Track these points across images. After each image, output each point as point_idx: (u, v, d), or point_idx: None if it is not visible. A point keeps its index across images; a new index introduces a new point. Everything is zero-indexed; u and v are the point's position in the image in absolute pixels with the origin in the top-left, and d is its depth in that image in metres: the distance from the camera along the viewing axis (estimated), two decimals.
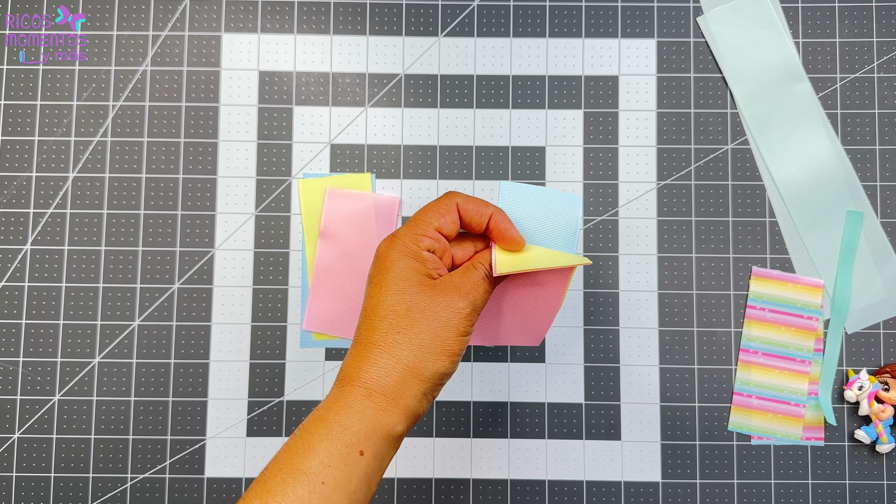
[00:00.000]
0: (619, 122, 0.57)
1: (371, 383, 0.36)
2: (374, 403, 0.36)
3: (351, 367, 0.37)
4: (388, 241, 0.39)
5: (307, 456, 0.34)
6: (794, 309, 0.55)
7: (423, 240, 0.38)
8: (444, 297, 0.37)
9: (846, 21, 0.57)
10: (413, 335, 0.37)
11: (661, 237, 0.56)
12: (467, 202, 0.40)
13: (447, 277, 0.39)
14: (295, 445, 0.35)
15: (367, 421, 0.35)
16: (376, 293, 0.38)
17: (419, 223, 0.39)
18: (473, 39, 0.58)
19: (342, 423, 0.35)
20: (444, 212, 0.39)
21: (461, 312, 0.38)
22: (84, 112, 0.57)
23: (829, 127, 0.57)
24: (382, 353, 0.37)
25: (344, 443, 0.35)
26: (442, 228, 0.39)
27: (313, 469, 0.34)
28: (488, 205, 0.40)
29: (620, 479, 0.55)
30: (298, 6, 0.58)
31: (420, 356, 0.37)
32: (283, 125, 0.57)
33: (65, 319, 0.56)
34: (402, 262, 0.38)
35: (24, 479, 0.55)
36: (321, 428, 0.35)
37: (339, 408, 0.36)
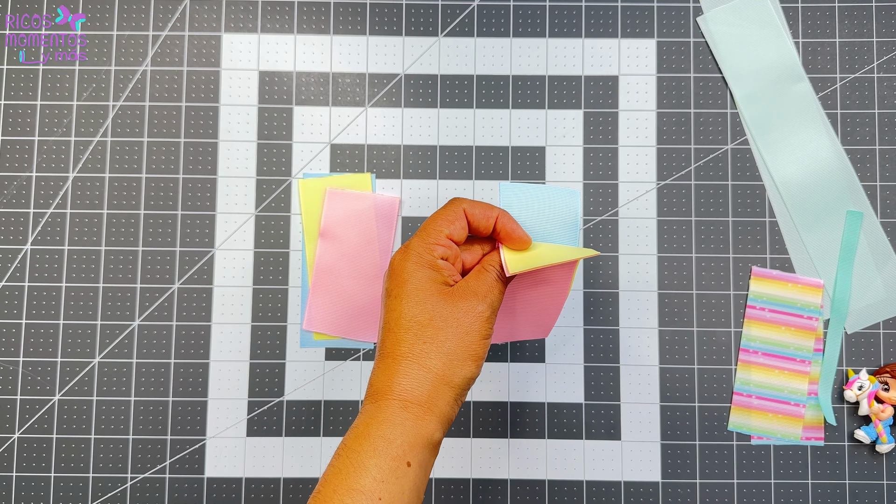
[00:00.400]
0: (619, 122, 0.57)
1: (405, 395, 0.37)
2: (412, 414, 0.36)
3: (382, 382, 0.37)
4: (402, 254, 0.39)
5: (360, 474, 0.35)
6: (794, 309, 0.55)
7: (436, 248, 0.39)
8: (464, 303, 0.38)
9: (846, 21, 0.57)
10: (440, 343, 0.37)
11: (661, 237, 0.56)
12: (473, 207, 0.41)
13: (463, 283, 0.39)
14: (344, 465, 0.35)
15: (409, 432, 0.36)
16: (397, 306, 0.38)
17: (430, 232, 0.39)
18: (473, 39, 0.58)
19: (386, 438, 0.36)
20: (453, 219, 0.40)
21: (482, 316, 0.38)
22: (84, 112, 0.57)
23: (829, 127, 0.57)
24: (412, 364, 0.37)
25: (391, 456, 0.35)
26: (452, 235, 0.40)
27: (368, 486, 0.34)
28: (493, 207, 0.41)
29: (620, 479, 0.55)
30: (298, 6, 0.58)
31: (449, 364, 0.37)
32: (283, 125, 0.57)
33: (65, 319, 0.56)
34: (418, 273, 0.38)
35: (24, 479, 0.55)
36: (366, 445, 0.35)
37: (380, 423, 0.36)
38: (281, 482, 0.55)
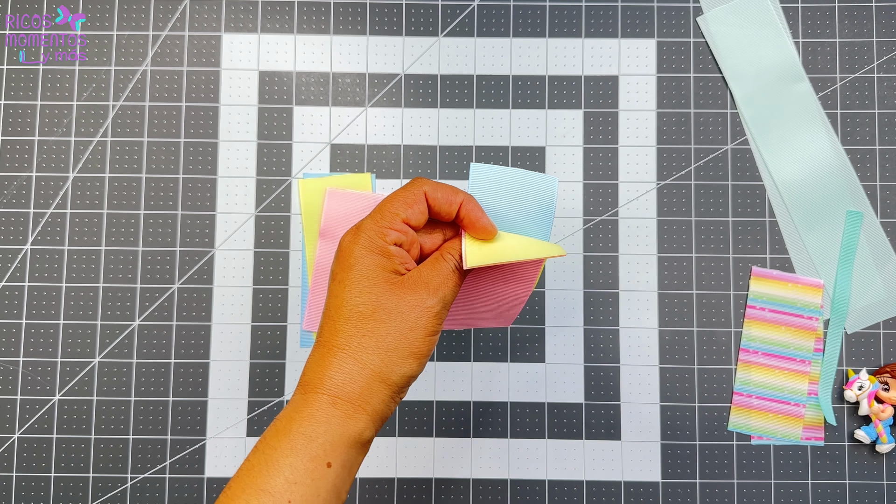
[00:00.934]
0: (619, 122, 0.57)
1: (336, 390, 0.34)
2: (340, 411, 0.34)
3: (314, 373, 0.35)
4: (352, 235, 0.36)
5: (272, 474, 0.33)
6: (794, 309, 0.55)
7: (389, 233, 0.36)
8: (412, 296, 0.35)
9: (846, 21, 0.57)
10: (379, 338, 0.35)
11: (661, 237, 0.56)
12: (436, 190, 0.37)
13: (415, 272, 0.37)
14: (258, 462, 0.33)
15: (334, 430, 0.34)
16: (340, 292, 0.36)
17: (385, 215, 0.36)
18: (473, 39, 0.58)
19: (307, 435, 0.33)
20: (412, 201, 0.37)
21: (430, 311, 0.36)
22: (84, 112, 0.57)
23: (829, 127, 0.57)
24: (347, 357, 0.35)
25: (310, 456, 0.33)
26: (409, 220, 0.37)
27: (278, 488, 0.32)
28: (458, 192, 0.38)
29: (620, 479, 0.55)
30: (298, 6, 0.58)
31: (387, 360, 0.35)
32: (283, 125, 0.57)
33: (65, 319, 0.56)
34: (366, 259, 0.35)
35: (24, 479, 0.55)
36: (285, 442, 0.33)
37: (303, 418, 0.34)
38: None
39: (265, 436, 0.35)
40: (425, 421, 0.55)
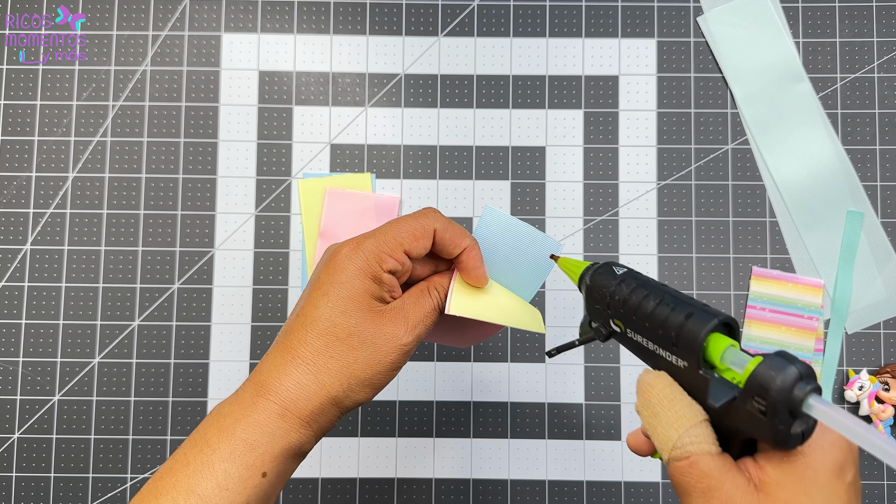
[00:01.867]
0: (619, 122, 0.57)
1: (288, 403, 0.34)
2: (288, 424, 0.33)
3: (271, 377, 0.34)
4: (351, 250, 0.35)
5: (204, 476, 0.32)
6: (795, 309, 0.55)
7: (387, 260, 0.35)
8: (389, 328, 0.35)
9: (846, 21, 0.57)
10: (345, 364, 0.34)
11: (661, 237, 0.56)
12: (446, 230, 0.37)
13: (398, 304, 0.36)
14: (194, 460, 0.33)
15: (277, 442, 0.33)
16: (321, 304, 0.35)
17: (388, 241, 0.35)
18: (473, 39, 0.58)
19: (248, 443, 0.33)
20: (419, 235, 0.36)
21: (403, 349, 0.35)
22: (84, 112, 0.57)
23: (830, 127, 0.57)
24: (308, 373, 0.34)
25: (247, 465, 0.32)
26: (411, 251, 0.36)
27: (208, 491, 0.32)
28: (466, 236, 0.37)
29: (620, 480, 0.55)
30: (298, 6, 0.58)
31: (346, 386, 0.34)
32: (283, 125, 0.57)
33: (65, 319, 0.56)
34: (357, 281, 0.35)
35: (24, 479, 0.55)
36: (225, 445, 0.33)
37: (249, 423, 0.33)
38: None
39: (206, 429, 0.34)
40: (425, 421, 0.55)
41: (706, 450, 0.28)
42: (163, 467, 0.33)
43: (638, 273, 0.34)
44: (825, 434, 0.28)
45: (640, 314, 0.31)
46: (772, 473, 0.28)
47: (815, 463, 0.28)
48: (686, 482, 0.29)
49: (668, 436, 0.29)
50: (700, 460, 0.28)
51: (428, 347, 0.56)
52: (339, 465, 0.55)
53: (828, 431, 0.28)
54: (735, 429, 0.28)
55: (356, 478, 0.55)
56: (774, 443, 0.27)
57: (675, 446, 0.29)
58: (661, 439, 0.30)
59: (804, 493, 0.27)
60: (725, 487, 0.28)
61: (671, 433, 0.29)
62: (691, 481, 0.29)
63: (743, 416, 0.27)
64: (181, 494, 0.32)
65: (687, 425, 0.29)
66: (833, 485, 0.27)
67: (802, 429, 0.27)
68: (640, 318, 0.31)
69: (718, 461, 0.28)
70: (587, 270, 0.36)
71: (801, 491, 0.27)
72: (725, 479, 0.28)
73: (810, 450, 0.28)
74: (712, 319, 0.28)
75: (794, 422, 0.26)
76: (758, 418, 0.26)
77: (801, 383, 0.26)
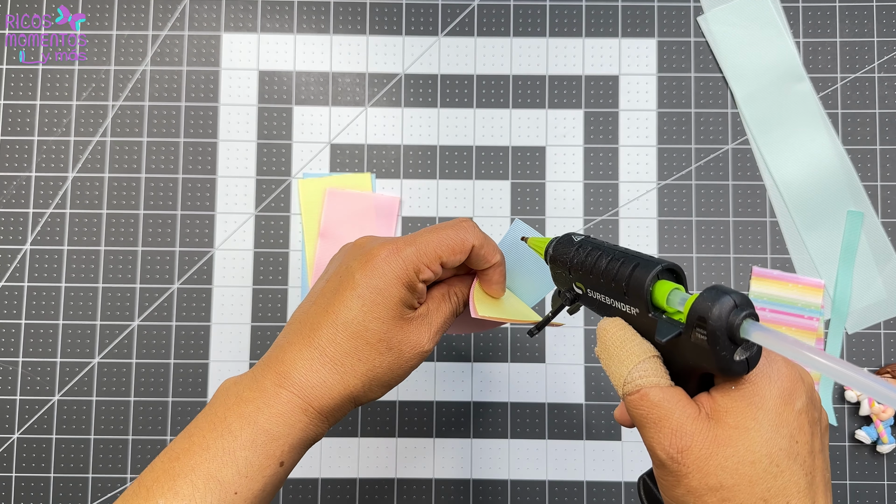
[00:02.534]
0: (619, 121, 0.57)
1: (312, 399, 0.34)
2: (308, 419, 0.34)
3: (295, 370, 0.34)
4: (390, 254, 0.35)
5: (225, 463, 0.32)
6: (795, 309, 0.55)
7: (425, 271, 0.36)
8: (415, 336, 0.36)
9: (846, 21, 0.57)
10: (371, 368, 0.35)
11: (661, 237, 0.56)
12: (482, 246, 0.37)
13: (423, 310, 0.37)
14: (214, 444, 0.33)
15: (296, 434, 0.34)
16: (355, 305, 0.35)
17: (428, 252, 0.36)
18: (473, 39, 0.58)
19: (270, 433, 0.33)
20: (458, 250, 0.36)
21: (423, 354, 0.37)
22: (84, 112, 0.57)
23: (830, 127, 0.57)
24: (335, 373, 0.35)
25: (266, 454, 0.33)
26: (446, 263, 0.36)
27: (229, 478, 0.32)
28: (497, 253, 0.38)
29: (620, 480, 0.55)
30: (298, 6, 0.58)
31: (367, 388, 0.35)
32: (283, 125, 0.57)
33: (65, 319, 0.56)
34: (393, 289, 0.35)
35: (24, 479, 0.55)
36: (247, 433, 0.33)
37: (272, 414, 0.34)
38: None
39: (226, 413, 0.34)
40: (425, 421, 0.55)
41: (655, 382, 0.30)
42: (177, 446, 0.33)
43: (594, 238, 0.36)
44: (772, 363, 0.29)
45: (595, 272, 0.34)
46: (721, 402, 0.29)
47: (762, 390, 0.29)
48: (639, 414, 0.30)
49: (621, 372, 0.31)
50: (650, 392, 0.30)
51: None
52: (339, 465, 0.55)
53: (774, 360, 0.29)
54: (687, 364, 0.30)
55: (356, 478, 0.55)
56: (720, 371, 0.28)
57: (626, 381, 0.31)
58: (616, 376, 0.32)
59: (752, 418, 0.28)
60: (675, 416, 0.29)
61: (623, 369, 0.31)
62: (643, 413, 0.30)
63: (690, 348, 0.29)
64: (201, 479, 0.32)
65: (636, 361, 0.31)
66: (781, 410, 0.28)
67: (746, 356, 0.28)
68: (596, 275, 0.33)
69: (668, 392, 0.30)
70: (550, 243, 0.38)
71: (749, 416, 0.28)
72: (675, 408, 0.29)
73: (757, 377, 0.29)
74: (656, 266, 0.31)
75: (737, 349, 0.28)
76: (703, 349, 0.28)
77: (735, 310, 0.27)
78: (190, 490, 0.32)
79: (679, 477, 0.29)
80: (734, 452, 0.28)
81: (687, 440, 0.28)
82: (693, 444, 0.28)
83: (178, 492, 0.32)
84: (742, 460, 0.28)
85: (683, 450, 0.28)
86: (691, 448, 0.28)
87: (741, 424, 0.28)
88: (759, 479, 0.27)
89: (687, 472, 0.28)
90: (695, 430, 0.28)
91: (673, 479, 0.29)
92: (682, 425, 0.29)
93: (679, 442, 0.28)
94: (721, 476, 0.28)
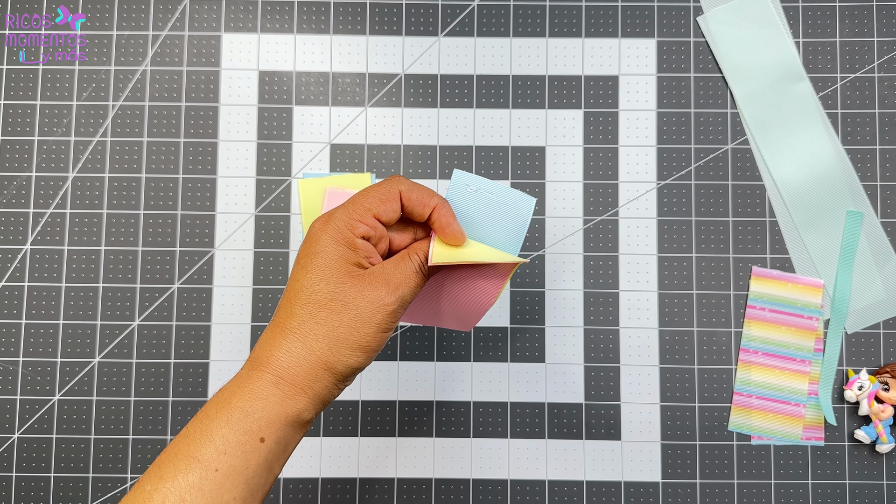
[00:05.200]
0: (619, 122, 0.57)
1: (281, 371, 0.35)
2: (282, 391, 0.35)
3: (263, 350, 0.36)
4: (322, 223, 0.37)
5: (203, 443, 0.34)
6: (795, 309, 0.55)
7: (358, 226, 0.37)
8: (371, 291, 0.36)
9: (846, 21, 0.57)
10: (331, 328, 0.36)
11: (661, 237, 0.56)
12: (411, 191, 0.38)
13: (378, 268, 0.37)
14: (194, 430, 0.34)
15: (272, 408, 0.35)
16: (301, 276, 0.36)
17: (357, 207, 0.37)
18: (473, 39, 0.58)
19: (244, 410, 0.34)
20: (386, 199, 0.38)
21: (386, 309, 0.36)
22: (84, 112, 0.57)
23: (830, 127, 0.57)
24: (297, 341, 0.36)
25: (243, 430, 0.34)
26: (380, 216, 0.37)
27: (207, 456, 0.33)
28: (433, 195, 0.39)
29: (620, 479, 0.55)
30: (298, 6, 0.58)
31: (335, 350, 0.36)
32: (283, 125, 0.57)
33: (65, 319, 0.56)
34: (331, 249, 0.36)
35: (24, 479, 0.55)
36: (222, 414, 0.34)
37: (244, 393, 0.35)
38: (281, 482, 0.55)
39: (206, 405, 0.36)
40: (425, 421, 0.55)
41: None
42: (168, 445, 0.35)
43: None
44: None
45: None
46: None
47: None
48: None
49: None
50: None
51: (428, 347, 0.56)
52: (339, 465, 0.55)
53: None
54: None
55: (356, 478, 0.55)
56: None
57: None
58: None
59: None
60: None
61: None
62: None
63: None
64: (182, 461, 0.33)
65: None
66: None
67: None
68: None
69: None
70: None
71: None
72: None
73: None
74: None
75: None
76: None
77: None
78: (172, 472, 0.33)
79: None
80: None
81: None
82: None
83: (162, 475, 0.33)
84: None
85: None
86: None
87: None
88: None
89: None
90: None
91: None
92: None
93: None
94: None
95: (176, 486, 0.33)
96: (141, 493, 0.33)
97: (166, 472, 0.33)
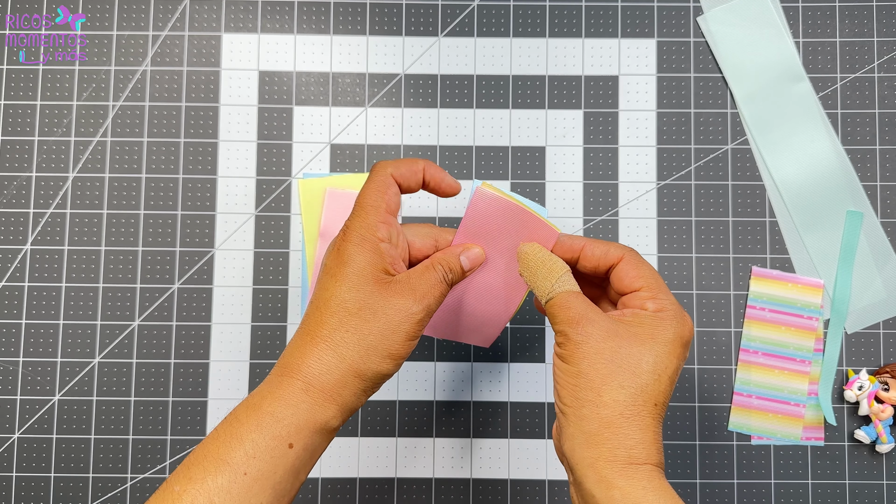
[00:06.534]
0: (619, 122, 0.57)
1: (311, 378, 0.36)
2: (311, 398, 0.36)
3: (293, 358, 0.37)
4: (343, 235, 0.38)
5: (233, 446, 0.34)
6: (794, 309, 0.55)
7: (378, 228, 0.37)
8: (398, 300, 0.37)
9: (846, 21, 0.57)
10: (361, 336, 0.36)
11: (661, 237, 0.56)
12: (398, 167, 0.39)
13: (405, 276, 0.38)
14: (224, 433, 0.35)
15: (301, 415, 0.35)
16: (331, 285, 0.37)
17: (368, 209, 0.38)
18: (473, 39, 0.58)
19: (274, 416, 0.35)
20: (384, 188, 0.38)
21: (414, 318, 0.37)
22: (84, 112, 0.57)
23: (830, 127, 0.57)
24: (327, 349, 0.36)
25: (273, 435, 0.34)
26: (389, 206, 0.38)
27: (237, 460, 0.34)
28: (416, 161, 0.40)
29: None
30: (298, 6, 0.58)
31: (365, 357, 0.36)
32: (283, 125, 0.57)
33: (65, 319, 0.56)
34: (359, 257, 0.37)
35: (24, 479, 0.55)
36: (252, 418, 0.35)
37: (275, 398, 0.35)
38: None
39: (236, 409, 0.36)
40: (425, 421, 0.55)
41: (570, 289, 0.38)
42: (197, 446, 0.36)
43: None
44: (684, 317, 0.38)
45: None
46: (629, 313, 0.38)
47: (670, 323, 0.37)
48: (558, 314, 0.37)
49: (546, 285, 0.39)
50: (568, 297, 0.38)
51: (428, 347, 0.56)
52: (339, 465, 0.55)
53: (685, 317, 0.38)
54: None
55: (356, 478, 0.55)
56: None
57: (552, 291, 0.38)
58: (541, 289, 0.39)
59: (652, 335, 0.37)
60: (584, 306, 0.37)
61: (547, 283, 0.39)
62: (561, 313, 0.37)
63: None
64: (211, 463, 0.34)
65: (558, 274, 0.39)
66: (675, 344, 0.37)
67: None
68: None
69: (580, 296, 0.38)
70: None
71: (653, 328, 0.37)
72: (587, 304, 0.37)
73: (669, 314, 0.37)
74: None
75: None
76: None
77: None
78: (201, 474, 0.33)
79: (577, 344, 0.36)
80: (629, 347, 0.35)
81: (591, 316, 0.36)
82: (596, 320, 0.36)
83: (192, 477, 0.34)
84: (635, 356, 0.35)
85: (584, 321, 0.36)
86: (595, 322, 0.36)
87: (642, 334, 0.36)
88: (642, 373, 0.35)
89: (585, 340, 0.36)
90: (600, 316, 0.37)
91: (572, 347, 0.36)
92: (588, 310, 0.37)
93: (583, 316, 0.36)
94: (613, 356, 0.35)
95: (205, 488, 0.33)
96: (170, 493, 0.33)
97: (195, 474, 0.34)
